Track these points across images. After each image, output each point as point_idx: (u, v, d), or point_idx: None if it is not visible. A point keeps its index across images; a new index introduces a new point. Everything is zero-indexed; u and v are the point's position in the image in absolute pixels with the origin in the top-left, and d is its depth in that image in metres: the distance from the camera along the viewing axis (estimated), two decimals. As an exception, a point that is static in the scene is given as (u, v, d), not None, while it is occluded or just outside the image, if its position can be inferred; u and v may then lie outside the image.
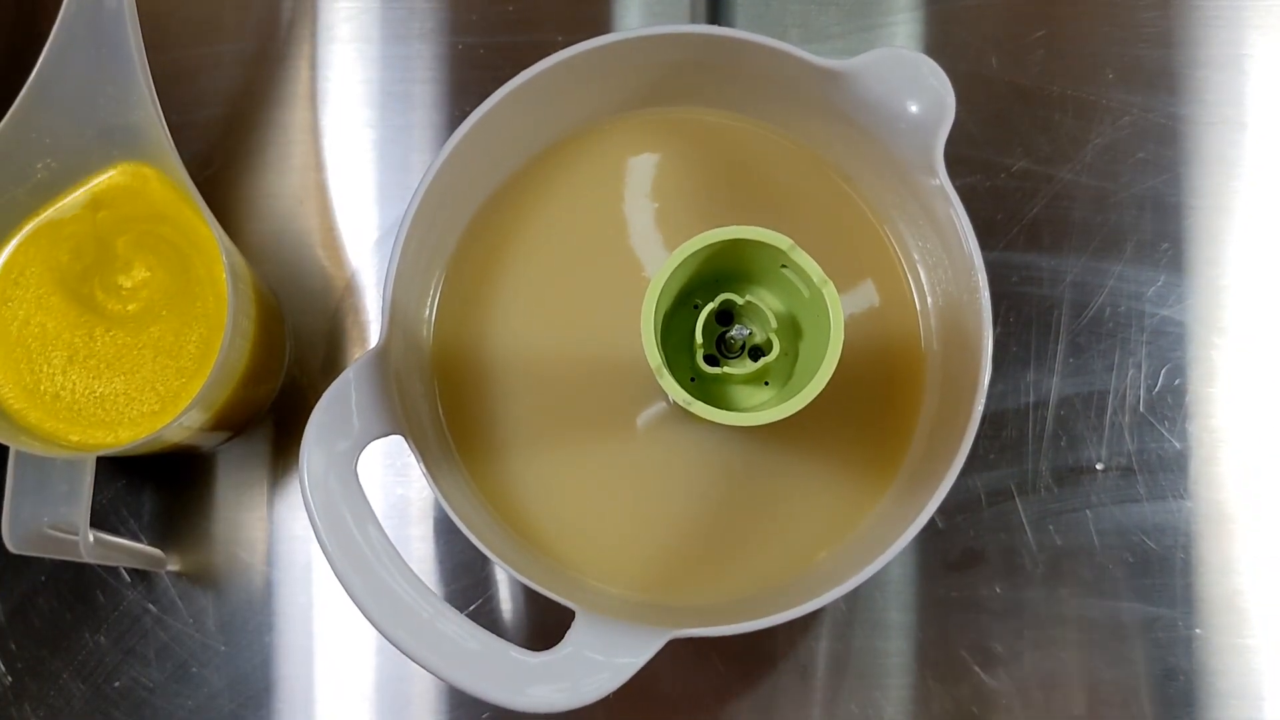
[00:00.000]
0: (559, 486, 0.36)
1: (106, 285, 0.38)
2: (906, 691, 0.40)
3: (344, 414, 0.32)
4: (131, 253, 0.38)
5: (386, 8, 0.44)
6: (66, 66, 0.37)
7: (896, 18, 0.44)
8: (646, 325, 0.32)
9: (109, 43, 0.37)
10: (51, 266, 0.38)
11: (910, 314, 0.37)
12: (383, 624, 0.31)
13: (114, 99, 0.37)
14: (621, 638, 0.31)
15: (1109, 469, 0.41)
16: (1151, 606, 0.40)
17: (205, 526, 0.41)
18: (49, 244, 0.38)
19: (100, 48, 0.37)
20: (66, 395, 0.38)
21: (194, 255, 0.38)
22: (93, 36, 0.37)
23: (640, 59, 0.36)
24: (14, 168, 0.37)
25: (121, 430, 0.37)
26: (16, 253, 0.38)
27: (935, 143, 0.33)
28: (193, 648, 0.41)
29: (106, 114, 0.38)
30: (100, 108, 0.37)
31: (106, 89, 0.37)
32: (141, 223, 0.39)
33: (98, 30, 0.37)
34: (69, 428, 0.37)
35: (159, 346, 0.38)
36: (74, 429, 0.37)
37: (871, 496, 0.36)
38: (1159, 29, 0.43)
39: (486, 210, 0.37)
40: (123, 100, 0.37)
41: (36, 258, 0.38)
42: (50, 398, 0.38)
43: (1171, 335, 0.42)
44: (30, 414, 0.37)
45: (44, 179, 0.38)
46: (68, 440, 0.37)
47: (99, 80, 0.37)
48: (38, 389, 0.38)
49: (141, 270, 0.38)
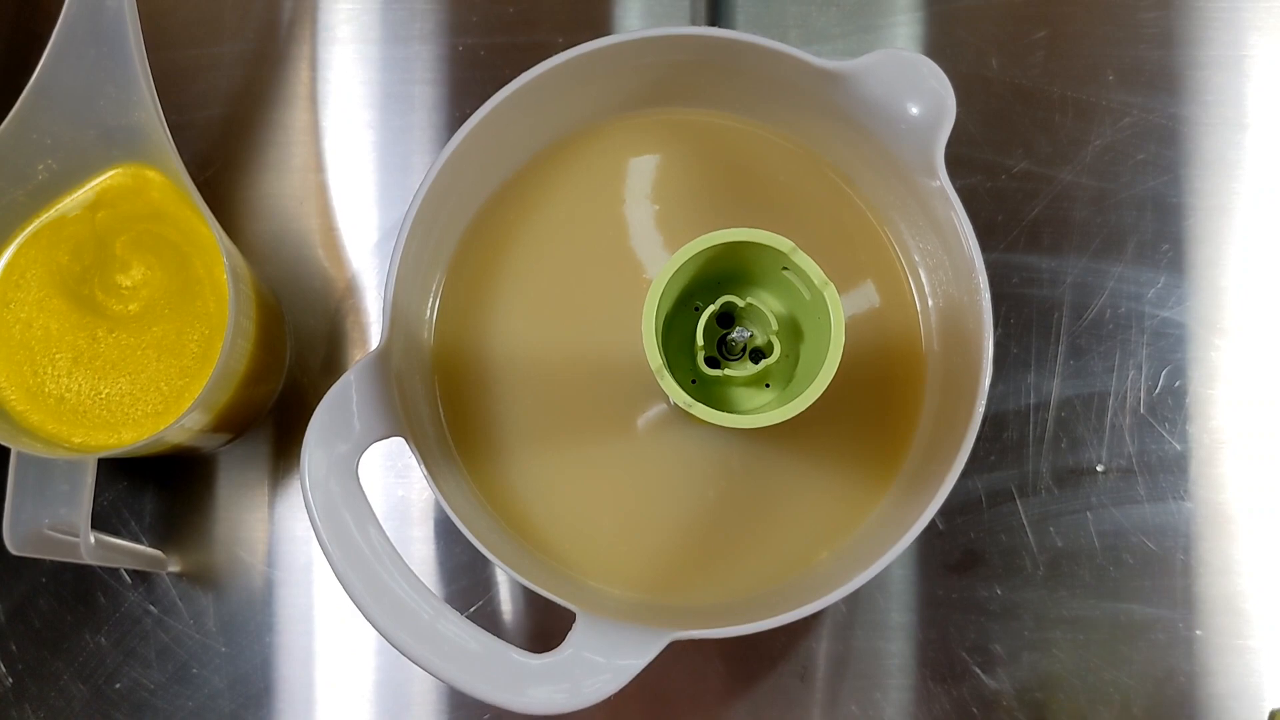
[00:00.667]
0: (560, 488, 0.36)
1: (106, 285, 0.38)
2: (907, 693, 0.40)
3: (345, 416, 0.32)
4: (130, 253, 0.38)
5: (387, 9, 0.44)
6: (67, 67, 0.37)
7: (897, 19, 0.44)
8: (648, 327, 0.32)
9: (110, 43, 0.37)
10: (52, 269, 0.38)
11: (911, 315, 0.37)
12: (383, 625, 0.31)
13: (114, 100, 0.37)
14: (622, 639, 0.31)
15: (1109, 470, 0.41)
16: (1152, 608, 0.40)
17: (206, 527, 0.41)
18: (49, 245, 0.38)
19: (101, 48, 0.37)
20: (71, 397, 0.38)
21: (194, 255, 0.38)
22: (93, 37, 0.37)
23: (640, 60, 0.36)
24: (15, 169, 0.37)
25: (125, 431, 0.37)
26: (17, 255, 0.38)
27: (936, 144, 0.33)
28: (193, 649, 0.41)
29: (107, 115, 0.38)
30: (101, 109, 0.37)
31: (107, 90, 0.37)
32: (140, 222, 0.39)
33: (98, 31, 0.37)
34: (72, 429, 0.37)
35: (162, 346, 0.38)
36: (77, 431, 0.37)
37: (872, 498, 0.36)
38: (1159, 30, 0.43)
39: (487, 211, 0.37)
40: (123, 101, 0.37)
41: (37, 260, 0.38)
42: (54, 400, 0.38)
43: (1172, 337, 0.42)
44: (33, 416, 0.37)
45: (44, 180, 0.38)
46: (70, 442, 0.37)
47: (100, 81, 0.37)
48: (41, 391, 0.38)
49: (140, 270, 0.38)
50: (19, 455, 0.36)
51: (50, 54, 0.36)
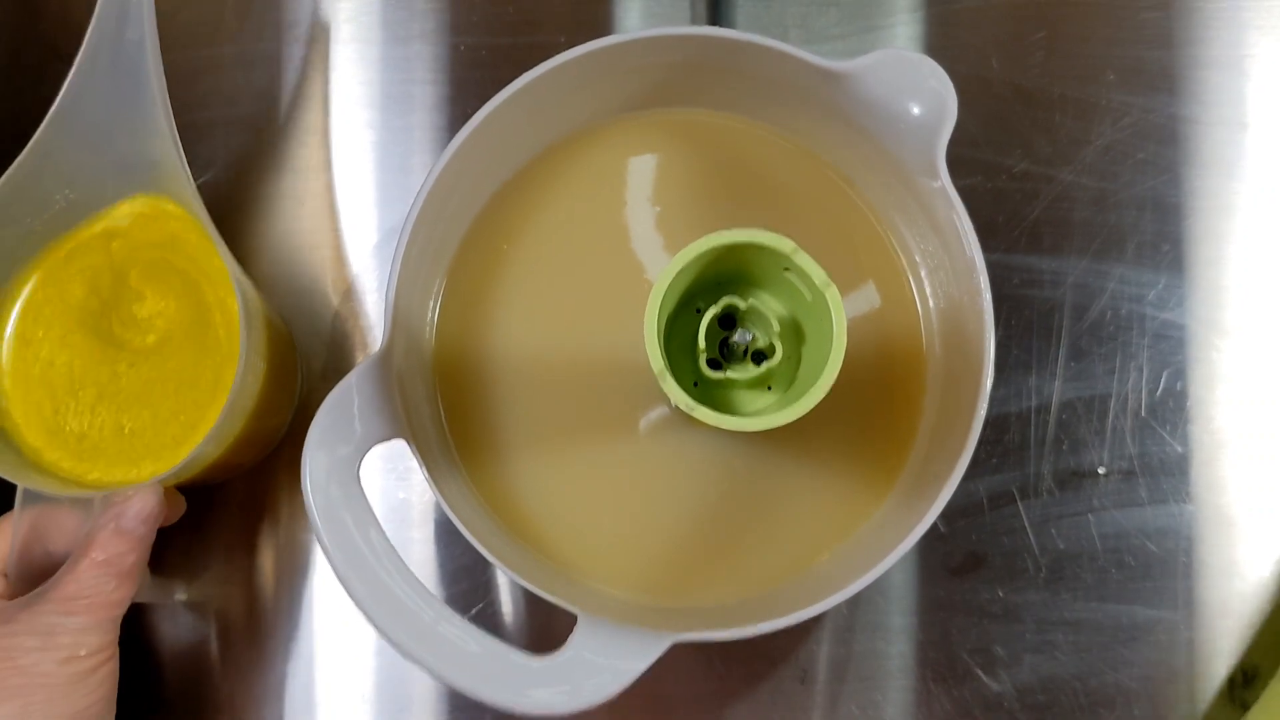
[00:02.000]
0: (561, 490, 0.36)
1: (124, 318, 0.38)
2: (908, 695, 0.40)
3: (346, 418, 0.32)
4: (143, 282, 0.38)
5: (387, 9, 0.44)
6: (88, 97, 0.36)
7: (897, 19, 0.44)
8: (649, 329, 0.32)
9: (130, 74, 0.36)
10: (70, 303, 0.37)
11: (912, 317, 0.37)
12: (384, 627, 0.31)
13: (134, 131, 0.37)
14: (624, 642, 0.31)
15: (1111, 473, 0.41)
16: (1153, 609, 0.40)
17: (207, 528, 0.41)
18: (66, 278, 0.38)
19: (121, 79, 0.36)
20: (93, 433, 0.37)
21: (203, 282, 0.38)
22: (114, 68, 0.36)
23: (641, 61, 0.35)
24: (34, 198, 0.37)
25: (144, 464, 0.37)
26: (34, 291, 0.38)
27: (937, 144, 0.33)
28: (195, 649, 0.41)
29: (125, 146, 0.37)
30: (119, 139, 0.37)
31: (126, 121, 0.37)
32: (152, 250, 0.38)
33: (119, 61, 0.36)
34: (90, 466, 0.37)
35: (181, 378, 0.37)
36: (95, 467, 0.37)
37: (873, 500, 0.36)
38: (1160, 30, 0.43)
39: (488, 212, 0.37)
40: (142, 132, 0.37)
41: (55, 295, 0.38)
42: (75, 437, 0.37)
43: (1173, 339, 0.42)
44: (48, 453, 0.37)
45: (61, 209, 0.38)
46: (86, 479, 0.37)
47: (119, 111, 0.36)
48: (61, 429, 0.37)
49: (154, 300, 0.38)
50: (24, 493, 0.35)
51: (71, 84, 0.36)
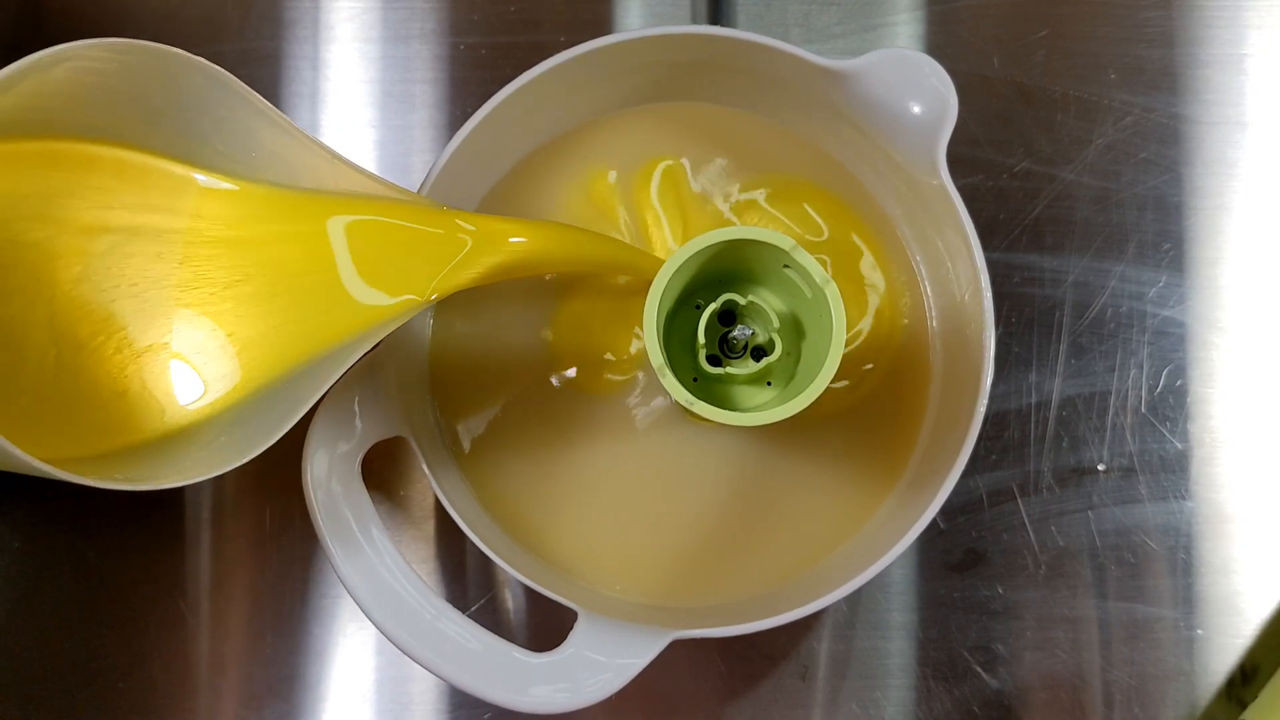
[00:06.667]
0: (560, 488, 0.36)
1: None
2: (908, 692, 0.40)
3: (346, 416, 0.32)
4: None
5: (388, 8, 0.44)
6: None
7: (898, 18, 0.44)
8: (649, 325, 0.32)
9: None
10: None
11: (912, 314, 0.37)
12: (385, 624, 0.31)
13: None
14: (623, 638, 0.31)
15: (1110, 470, 0.41)
16: (1152, 607, 0.40)
17: (207, 526, 0.41)
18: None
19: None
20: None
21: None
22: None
23: (642, 59, 0.36)
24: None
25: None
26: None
27: (937, 143, 0.33)
28: (195, 649, 0.41)
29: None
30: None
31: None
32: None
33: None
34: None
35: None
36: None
37: (875, 498, 0.36)
38: (1161, 29, 0.43)
39: (487, 209, 0.37)
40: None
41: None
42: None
43: (1173, 336, 0.42)
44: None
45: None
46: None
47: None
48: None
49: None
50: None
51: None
